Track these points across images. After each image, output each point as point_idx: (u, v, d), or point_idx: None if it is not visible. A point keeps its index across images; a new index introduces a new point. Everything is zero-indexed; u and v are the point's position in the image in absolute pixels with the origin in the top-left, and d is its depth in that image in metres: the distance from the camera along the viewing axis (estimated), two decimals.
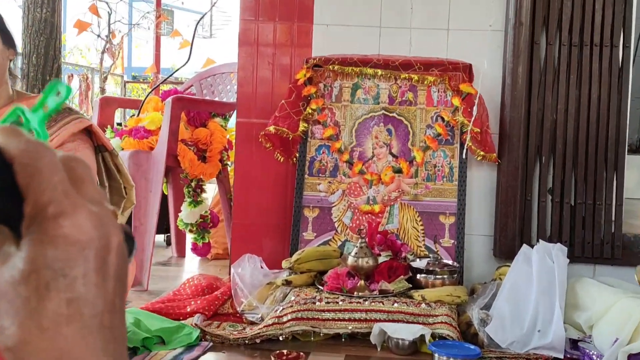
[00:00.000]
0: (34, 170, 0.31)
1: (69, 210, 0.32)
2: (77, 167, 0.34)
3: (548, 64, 2.63)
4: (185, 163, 3.19)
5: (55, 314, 0.31)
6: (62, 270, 0.31)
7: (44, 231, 0.31)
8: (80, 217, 0.32)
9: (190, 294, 2.58)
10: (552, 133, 2.63)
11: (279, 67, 2.81)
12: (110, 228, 0.33)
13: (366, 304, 2.19)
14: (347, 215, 2.67)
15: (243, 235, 2.79)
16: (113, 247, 0.33)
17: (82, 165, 0.34)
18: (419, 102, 2.72)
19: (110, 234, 0.33)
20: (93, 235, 0.32)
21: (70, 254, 0.31)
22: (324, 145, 2.73)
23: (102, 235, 0.32)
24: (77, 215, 0.32)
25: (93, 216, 0.32)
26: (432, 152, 2.68)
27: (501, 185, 2.65)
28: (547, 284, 2.21)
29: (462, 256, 2.58)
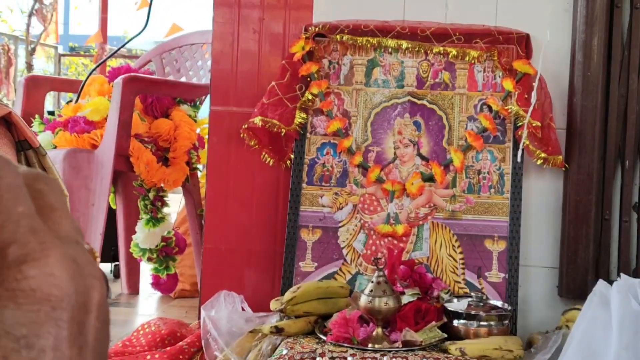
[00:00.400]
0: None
1: (36, 253, 0.31)
2: (46, 190, 0.33)
3: (633, 34, 2.63)
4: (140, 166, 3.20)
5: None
6: (25, 340, 0.30)
7: (1, 282, 0.30)
8: (51, 264, 0.31)
9: (146, 345, 2.58)
10: (638, 129, 2.63)
11: (269, 36, 2.82)
12: (91, 279, 0.32)
13: None
14: (359, 238, 2.67)
15: (218, 265, 2.79)
16: (93, 306, 0.32)
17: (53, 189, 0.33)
18: (458, 85, 2.73)
19: (90, 286, 0.32)
20: (69, 290, 0.31)
21: (37, 316, 0.30)
22: (328, 143, 2.74)
23: (80, 289, 0.32)
24: (48, 261, 0.31)
25: (68, 262, 0.31)
26: (476, 154, 2.69)
27: (569, 199, 2.65)
28: (631, 335, 2.21)
29: (515, 295, 2.58)
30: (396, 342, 2.28)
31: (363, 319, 2.36)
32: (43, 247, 0.31)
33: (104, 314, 0.33)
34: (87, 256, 0.33)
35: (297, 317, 2.43)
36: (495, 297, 2.56)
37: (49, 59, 10.46)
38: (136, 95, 3.21)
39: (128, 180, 3.54)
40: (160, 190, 3.41)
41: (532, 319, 2.68)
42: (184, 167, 3.41)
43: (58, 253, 0.31)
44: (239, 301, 2.59)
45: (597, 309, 2.31)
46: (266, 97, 2.71)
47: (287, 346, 2.27)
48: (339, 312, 2.41)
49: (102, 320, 0.33)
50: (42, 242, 0.31)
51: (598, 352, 2.22)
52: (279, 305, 2.45)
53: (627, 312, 2.25)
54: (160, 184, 3.35)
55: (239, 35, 2.83)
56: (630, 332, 2.21)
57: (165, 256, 3.47)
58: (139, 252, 3.45)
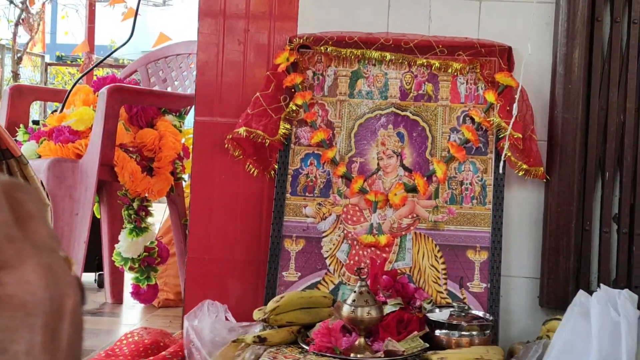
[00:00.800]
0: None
1: (13, 261, 0.32)
2: (24, 199, 0.34)
3: (613, 48, 2.67)
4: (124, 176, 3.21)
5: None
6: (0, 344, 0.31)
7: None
8: (27, 272, 0.32)
9: (129, 354, 2.58)
10: (618, 141, 2.66)
11: (254, 47, 2.84)
12: (65, 286, 0.33)
13: None
14: (342, 249, 2.68)
15: (201, 275, 2.80)
16: (67, 312, 0.33)
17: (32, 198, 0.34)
18: (441, 97, 2.75)
19: (64, 294, 0.33)
20: (43, 297, 0.32)
21: (12, 321, 0.31)
22: (312, 154, 2.75)
23: (54, 295, 0.32)
24: (24, 269, 0.32)
25: (44, 270, 0.32)
26: (458, 165, 2.71)
27: (550, 210, 2.67)
28: (610, 345, 2.23)
29: (497, 306, 2.60)
30: (378, 352, 2.29)
31: (346, 329, 2.37)
32: (19, 255, 0.32)
33: (78, 320, 0.34)
34: (62, 264, 0.34)
35: (280, 327, 2.44)
36: (477, 307, 2.58)
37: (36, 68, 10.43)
38: (121, 105, 3.22)
39: (112, 189, 3.54)
40: (145, 200, 3.41)
41: (514, 328, 2.70)
42: (169, 177, 3.41)
43: (34, 261, 0.32)
44: (223, 311, 2.59)
45: (577, 319, 2.33)
46: (251, 107, 2.73)
47: (270, 356, 2.27)
48: (321, 321, 2.42)
49: (75, 326, 0.33)
50: (18, 250, 0.32)
51: None
52: (262, 315, 2.46)
53: (606, 322, 2.27)
54: (144, 193, 3.35)
55: (224, 46, 2.84)
56: (609, 343, 2.23)
57: (147, 266, 3.47)
58: (121, 261, 3.45)
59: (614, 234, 2.68)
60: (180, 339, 2.59)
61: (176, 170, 3.46)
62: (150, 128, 3.41)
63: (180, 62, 3.77)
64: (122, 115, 3.34)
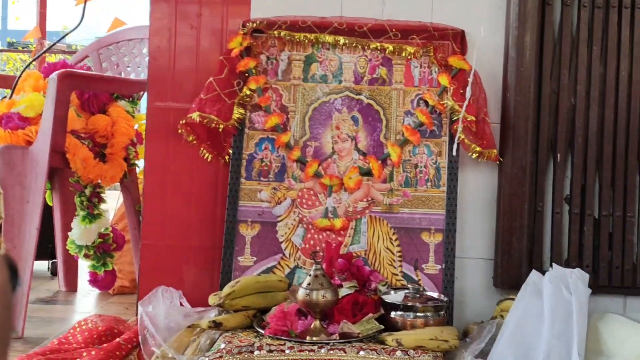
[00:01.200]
0: None
1: None
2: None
3: (564, 31, 2.70)
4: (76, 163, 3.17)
5: None
6: None
7: None
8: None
9: (83, 342, 2.57)
10: (569, 123, 2.70)
11: (207, 32, 2.83)
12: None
13: (322, 353, 2.21)
14: (297, 233, 2.69)
15: (156, 261, 2.78)
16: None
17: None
18: (395, 80, 2.77)
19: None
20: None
21: None
22: (266, 138, 2.75)
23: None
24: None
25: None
26: (413, 148, 2.73)
27: (504, 192, 2.71)
28: (562, 323, 2.27)
29: (451, 287, 2.63)
30: (334, 334, 2.31)
31: (301, 312, 2.38)
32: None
33: (6, 299, 0.34)
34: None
35: (236, 312, 2.44)
36: (431, 289, 2.60)
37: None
38: (72, 91, 3.18)
39: (65, 176, 3.50)
40: (97, 187, 3.38)
41: (468, 309, 2.73)
42: (122, 163, 3.38)
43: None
44: (178, 297, 2.58)
45: (530, 298, 2.37)
46: (204, 92, 2.71)
47: (225, 340, 2.27)
48: (277, 305, 2.43)
49: (3, 305, 0.34)
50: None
51: (531, 340, 2.29)
52: (217, 300, 2.46)
53: (558, 301, 2.31)
54: (97, 180, 3.32)
55: (177, 30, 2.82)
56: (561, 321, 2.28)
57: (102, 253, 3.45)
58: (75, 248, 3.42)
59: (565, 215, 2.72)
60: (135, 325, 2.58)
61: (129, 156, 3.43)
62: (102, 114, 3.37)
63: (133, 47, 3.73)
64: (74, 101, 3.30)
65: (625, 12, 2.69)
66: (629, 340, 2.26)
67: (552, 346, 2.24)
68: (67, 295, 3.67)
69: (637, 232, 2.69)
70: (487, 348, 2.32)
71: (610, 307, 2.67)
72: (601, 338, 2.34)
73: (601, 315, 2.44)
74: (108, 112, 3.37)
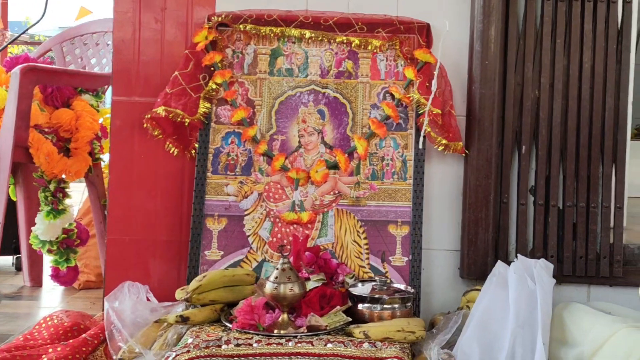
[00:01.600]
0: None
1: None
2: None
3: (528, 24, 2.74)
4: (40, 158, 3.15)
5: None
6: None
7: None
8: None
9: (48, 337, 2.55)
10: (534, 115, 2.74)
11: (172, 25, 2.82)
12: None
13: (290, 346, 2.22)
14: (264, 226, 2.70)
15: (122, 256, 2.78)
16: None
17: None
18: (361, 73, 2.78)
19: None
20: None
21: None
22: (232, 132, 2.75)
23: None
24: None
25: None
26: (379, 141, 2.75)
27: (469, 184, 2.74)
28: (527, 313, 2.31)
29: (418, 278, 2.66)
30: (301, 327, 2.33)
31: (269, 306, 2.40)
32: None
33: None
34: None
35: (203, 306, 2.45)
36: (399, 281, 2.63)
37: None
38: (35, 85, 3.15)
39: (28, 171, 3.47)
40: (62, 182, 3.36)
41: (435, 300, 2.77)
42: (87, 157, 3.36)
43: None
44: (144, 291, 2.58)
45: (495, 289, 2.41)
46: (169, 86, 2.71)
47: (193, 335, 2.28)
48: (244, 299, 2.44)
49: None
50: None
51: (496, 330, 2.32)
52: (184, 295, 2.46)
53: (523, 291, 2.35)
54: (61, 175, 3.30)
55: (141, 24, 2.81)
56: (526, 311, 2.32)
57: (66, 248, 3.42)
58: (39, 243, 3.40)
59: (530, 206, 2.76)
60: (101, 320, 2.57)
61: (94, 150, 3.41)
62: (66, 108, 3.35)
63: (97, 40, 3.71)
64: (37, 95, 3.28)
65: (588, 5, 2.72)
66: (593, 329, 2.30)
67: (517, 335, 2.27)
68: (32, 290, 3.65)
69: (600, 222, 2.73)
70: (454, 338, 2.35)
71: (574, 296, 2.72)
72: (565, 327, 2.38)
73: (565, 305, 2.48)
74: (72, 106, 3.35)
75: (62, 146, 3.27)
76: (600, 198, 2.74)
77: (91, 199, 3.60)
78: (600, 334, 2.26)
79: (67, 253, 3.43)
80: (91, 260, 3.72)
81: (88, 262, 3.71)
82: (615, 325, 2.27)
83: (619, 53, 2.75)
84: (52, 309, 3.20)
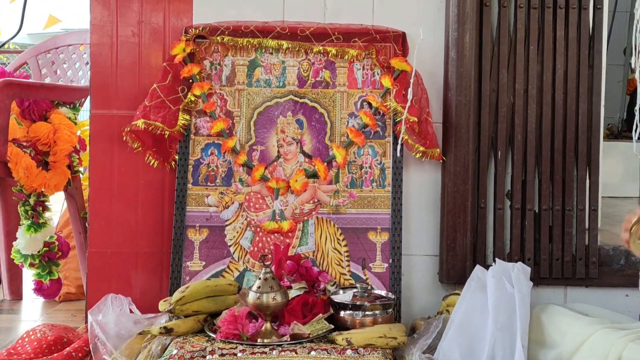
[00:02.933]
0: None
1: None
2: None
3: (502, 32, 2.80)
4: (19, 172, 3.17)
5: None
6: None
7: None
8: None
9: (32, 352, 2.57)
10: (509, 121, 2.81)
11: (149, 38, 2.85)
12: None
13: (274, 355, 2.26)
14: (246, 236, 2.75)
15: (104, 269, 2.81)
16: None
17: None
18: (339, 83, 2.84)
19: None
20: None
21: None
22: (212, 143, 2.80)
23: None
24: None
25: None
26: (358, 149, 2.80)
27: (447, 190, 2.80)
28: (505, 316, 2.37)
29: (398, 284, 2.71)
30: (285, 335, 2.37)
31: (252, 315, 2.44)
32: None
33: None
34: None
35: (187, 317, 2.48)
36: (379, 287, 2.69)
37: None
38: (12, 100, 3.17)
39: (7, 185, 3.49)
40: (41, 195, 3.38)
41: (415, 305, 2.82)
42: (65, 170, 3.38)
43: None
44: (127, 303, 2.61)
45: (474, 293, 2.47)
46: (148, 99, 2.75)
47: (177, 346, 2.32)
48: (227, 309, 2.48)
49: None
50: None
51: (476, 333, 2.38)
52: (167, 306, 2.49)
53: (502, 294, 2.41)
54: (40, 189, 3.32)
55: (118, 37, 2.84)
56: (504, 314, 2.38)
57: (47, 261, 3.44)
58: (21, 258, 3.41)
59: (507, 210, 2.83)
60: (85, 333, 2.60)
61: (73, 163, 3.43)
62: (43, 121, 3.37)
63: (72, 53, 3.73)
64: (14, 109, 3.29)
65: (560, 12, 2.79)
66: (570, 331, 2.36)
67: (496, 338, 2.33)
68: (12, 303, 3.66)
69: (575, 225, 2.80)
70: (435, 343, 2.40)
71: (551, 298, 2.79)
72: (544, 329, 2.44)
73: (543, 307, 2.54)
74: (49, 119, 3.37)
75: (40, 160, 3.30)
76: (575, 201, 2.81)
77: (70, 212, 3.62)
78: (578, 335, 2.33)
79: (49, 266, 3.45)
80: (71, 272, 3.74)
81: (68, 274, 3.73)
82: (592, 327, 2.34)
83: (591, 58, 2.83)
84: (34, 322, 3.22)
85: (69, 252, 3.64)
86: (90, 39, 2.83)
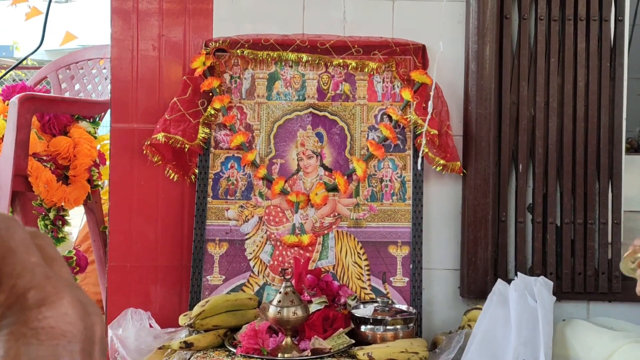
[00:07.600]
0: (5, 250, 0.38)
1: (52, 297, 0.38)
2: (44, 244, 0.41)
3: (522, 44, 2.80)
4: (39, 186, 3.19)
5: None
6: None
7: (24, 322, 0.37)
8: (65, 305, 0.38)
9: None
10: (530, 134, 2.80)
11: (169, 52, 2.87)
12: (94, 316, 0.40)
13: None
14: (265, 250, 2.75)
15: (123, 283, 2.82)
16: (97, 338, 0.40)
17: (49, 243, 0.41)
18: (359, 96, 2.84)
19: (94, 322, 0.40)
20: (80, 326, 0.38)
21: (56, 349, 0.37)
22: (232, 157, 2.81)
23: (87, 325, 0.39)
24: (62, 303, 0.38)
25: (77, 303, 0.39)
26: (378, 162, 2.81)
27: (468, 203, 2.80)
28: (528, 331, 2.36)
29: (419, 299, 2.71)
30: (305, 350, 2.37)
31: (272, 330, 2.44)
32: (57, 291, 0.39)
33: (104, 344, 0.42)
34: (88, 297, 0.41)
35: (207, 331, 2.48)
36: (400, 301, 2.68)
37: None
38: (33, 114, 3.20)
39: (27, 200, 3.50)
40: (61, 210, 3.40)
41: (436, 320, 2.81)
42: (85, 184, 3.40)
43: (69, 296, 0.39)
44: (146, 318, 2.62)
45: (496, 307, 2.46)
46: (168, 113, 2.76)
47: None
48: (248, 323, 2.48)
49: (103, 350, 0.41)
50: (55, 287, 0.39)
51: (499, 348, 2.37)
52: (187, 320, 2.50)
53: (524, 309, 2.40)
54: (60, 203, 3.33)
55: (139, 51, 2.86)
56: (527, 328, 2.37)
57: None
58: None
59: (528, 224, 2.82)
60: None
61: (93, 177, 3.45)
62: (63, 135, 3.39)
63: (92, 67, 3.76)
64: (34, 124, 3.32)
65: (580, 24, 2.79)
66: (595, 345, 2.35)
67: (519, 353, 2.33)
68: None
69: (598, 239, 2.79)
70: (457, 358, 2.39)
71: (574, 313, 2.77)
72: (568, 344, 2.43)
73: (568, 322, 2.53)
74: (69, 133, 3.39)
75: (60, 174, 3.31)
76: (598, 214, 2.79)
77: (90, 226, 3.63)
78: (603, 350, 2.31)
79: None
80: (90, 287, 3.76)
81: (87, 289, 3.74)
82: (618, 341, 2.33)
83: (613, 70, 2.82)
84: None
85: (87, 266, 3.65)
86: (111, 53, 2.86)
